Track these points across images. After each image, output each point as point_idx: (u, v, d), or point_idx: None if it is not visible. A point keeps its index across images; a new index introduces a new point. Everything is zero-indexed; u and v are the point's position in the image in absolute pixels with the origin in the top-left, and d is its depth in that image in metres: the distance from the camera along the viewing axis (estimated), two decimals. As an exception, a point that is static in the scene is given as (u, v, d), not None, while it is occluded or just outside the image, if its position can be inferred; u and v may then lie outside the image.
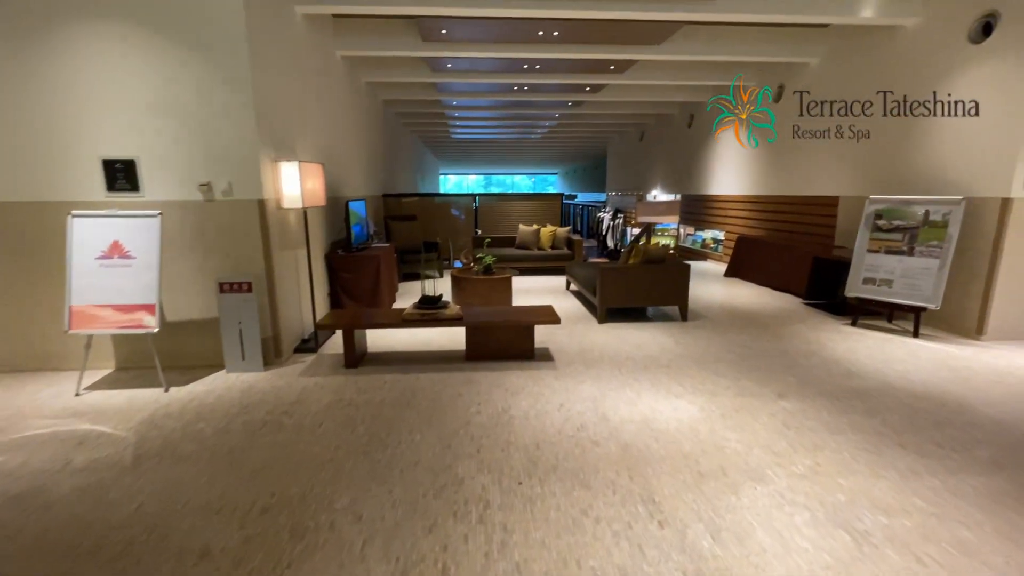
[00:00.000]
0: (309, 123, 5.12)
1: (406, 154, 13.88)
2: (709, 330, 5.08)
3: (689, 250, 11.14)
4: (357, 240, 5.80)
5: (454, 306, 4.23)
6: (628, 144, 15.90)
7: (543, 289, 7.25)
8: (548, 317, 4.15)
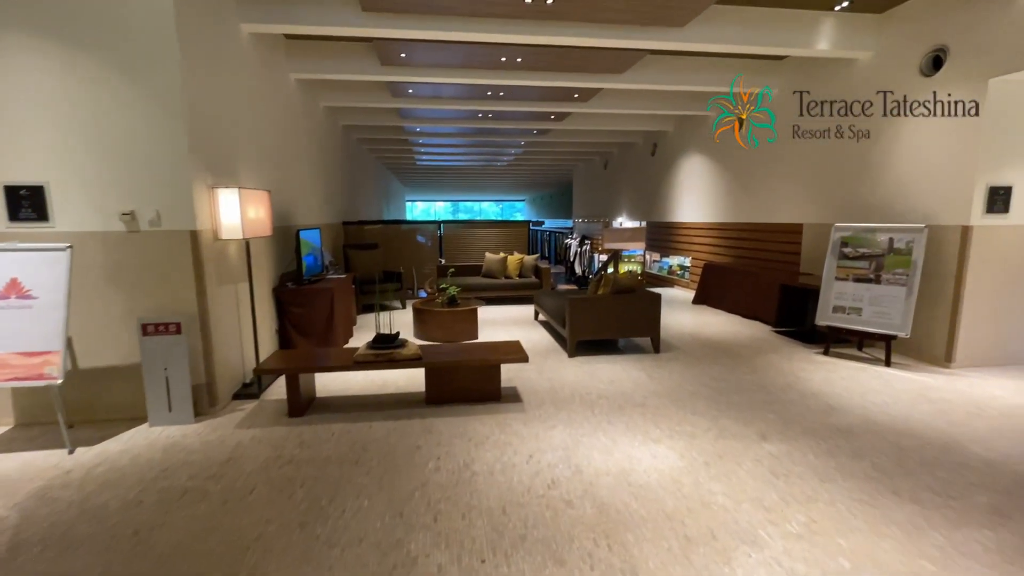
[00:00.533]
0: (256, 148, 4.76)
1: (369, 181, 13.55)
2: (682, 362, 4.89)
3: (656, 276, 11.12)
4: (309, 272, 5.40)
5: (412, 344, 3.88)
6: (593, 172, 16.06)
7: (511, 320, 6.96)
8: (515, 355, 3.85)
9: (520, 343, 4.16)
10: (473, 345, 4.17)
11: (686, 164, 9.59)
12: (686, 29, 4.99)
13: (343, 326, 5.56)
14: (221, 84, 4.03)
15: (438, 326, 5.74)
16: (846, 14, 5.21)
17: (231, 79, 4.25)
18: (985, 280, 4.54)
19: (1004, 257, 4.56)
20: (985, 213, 4.45)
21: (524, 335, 6.02)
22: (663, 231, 10.74)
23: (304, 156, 6.59)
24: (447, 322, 5.72)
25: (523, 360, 3.80)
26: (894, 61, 5.10)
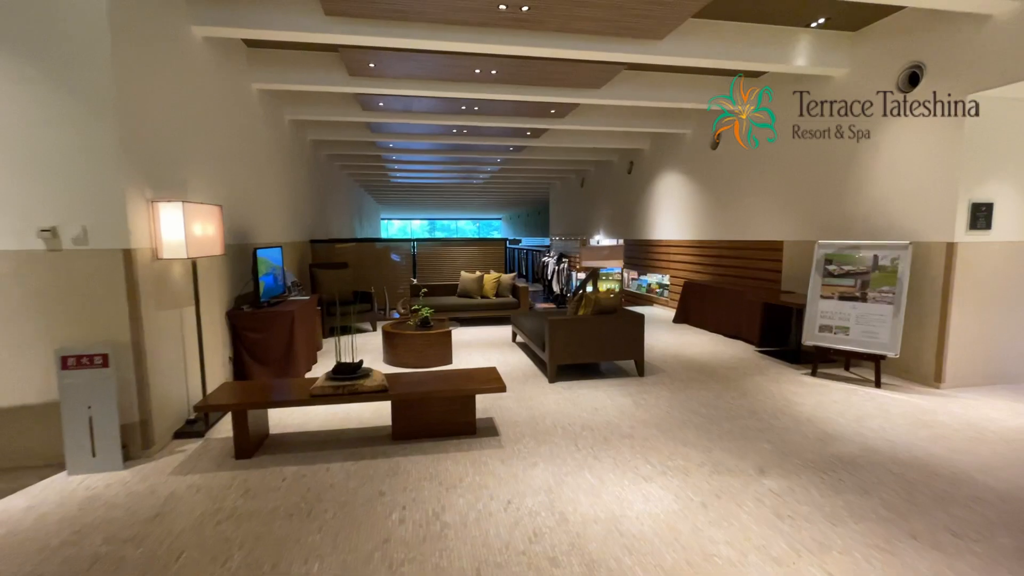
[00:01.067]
0: (209, 160, 4.38)
1: (341, 198, 13.15)
2: (668, 387, 4.63)
3: (635, 295, 10.98)
4: (268, 293, 4.98)
5: (378, 373, 3.52)
6: (570, 190, 16.02)
7: (487, 342, 6.63)
8: (492, 384, 3.53)
9: (496, 370, 3.84)
10: (445, 373, 3.83)
11: (663, 182, 9.53)
12: (664, 43, 4.87)
13: (305, 352, 5.14)
14: (166, 90, 3.67)
15: (409, 350, 5.37)
16: (821, 32, 5.20)
17: (179, 85, 3.89)
18: (971, 298, 4.46)
19: (988, 275, 4.49)
20: (968, 230, 4.39)
21: (501, 359, 5.70)
22: (641, 249, 10.63)
23: (267, 171, 6.21)
24: (419, 346, 5.36)
25: (500, 390, 3.47)
26: (869, 78, 5.08)
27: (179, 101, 3.87)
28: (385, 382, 3.38)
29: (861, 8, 4.66)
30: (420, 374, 3.78)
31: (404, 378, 3.66)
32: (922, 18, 4.55)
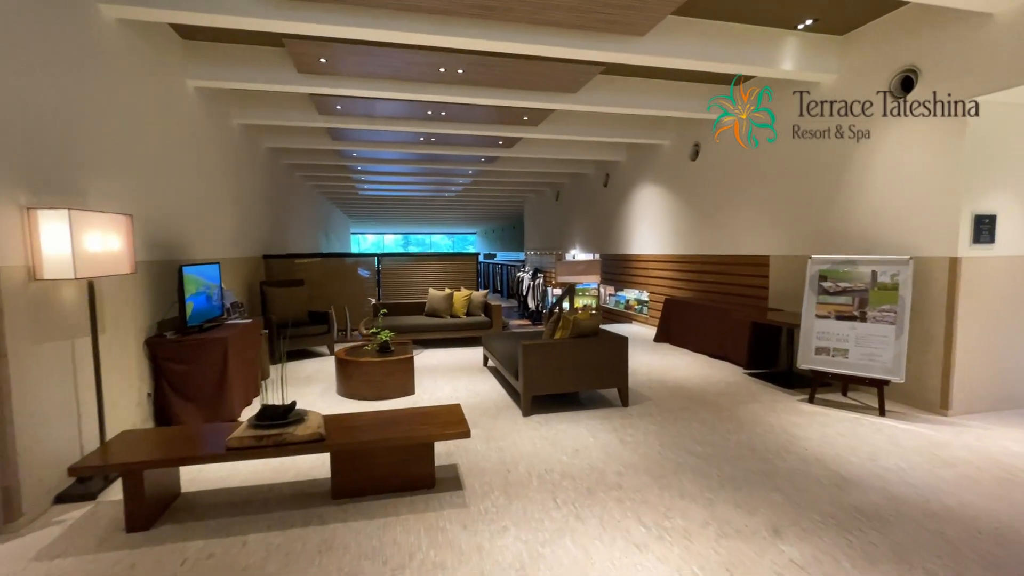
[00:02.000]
0: (122, 163, 3.74)
1: (305, 211, 12.44)
2: (657, 418, 4.14)
3: (612, 311, 10.57)
4: (199, 316, 4.31)
5: (314, 418, 2.91)
6: (545, 204, 15.66)
7: (457, 366, 6.04)
8: (454, 428, 2.95)
9: (460, 408, 3.26)
10: (399, 415, 3.24)
11: (641, 194, 9.20)
12: (645, 39, 4.48)
13: (243, 385, 4.46)
14: (56, 76, 3.04)
15: (365, 381, 4.75)
16: (808, 35, 4.91)
17: (79, 73, 3.26)
18: (977, 317, 4.13)
19: (992, 292, 4.17)
20: (972, 243, 4.07)
21: (470, 387, 5.12)
22: (618, 264, 10.25)
23: (207, 179, 5.54)
24: (376, 375, 4.74)
25: (463, 435, 2.90)
26: (859, 84, 4.80)
27: (80, 93, 3.23)
28: (322, 429, 2.77)
29: (853, 7, 4.37)
30: (369, 416, 3.17)
31: (349, 421, 3.05)
32: (917, 19, 4.28)
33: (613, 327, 8.95)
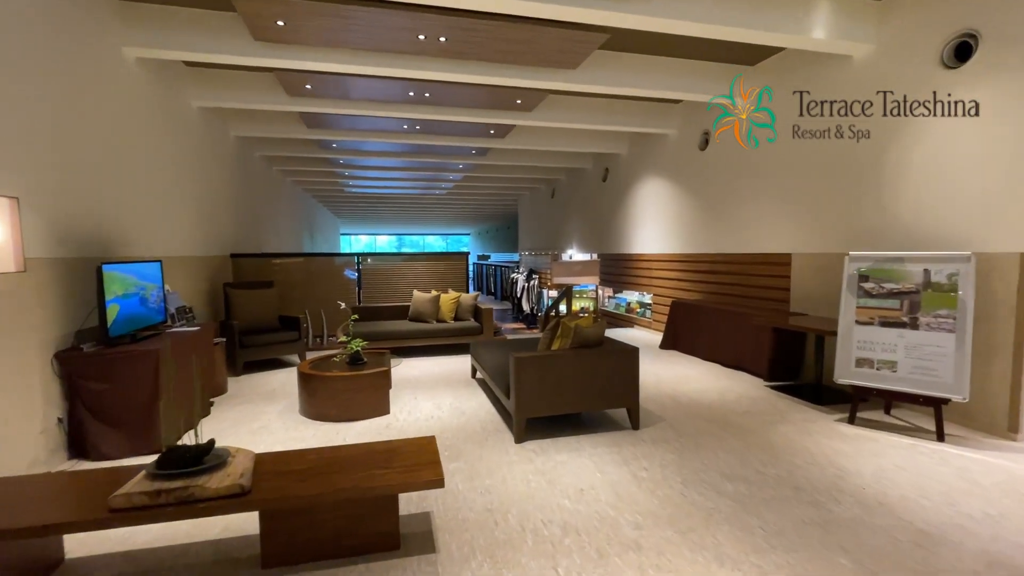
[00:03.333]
0: (10, 135, 3.04)
1: (285, 208, 11.71)
2: (674, 445, 3.48)
3: (612, 315, 9.92)
4: (129, 323, 3.60)
5: (239, 461, 2.22)
6: (540, 201, 15.01)
7: (441, 378, 5.36)
8: (424, 470, 2.27)
9: (435, 444, 2.58)
10: (357, 452, 2.55)
11: (644, 189, 8.56)
12: (652, 1, 3.83)
13: (184, 406, 3.75)
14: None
15: (330, 398, 4.05)
16: (840, 2, 4.28)
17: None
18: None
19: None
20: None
21: (456, 404, 4.44)
22: (619, 264, 9.60)
23: (155, 166, 4.84)
24: (343, 392, 4.05)
25: (434, 484, 2.22)
26: (902, 53, 4.17)
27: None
28: (246, 478, 2.08)
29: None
30: (315, 456, 2.48)
31: (289, 462, 2.36)
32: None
33: (614, 332, 8.30)
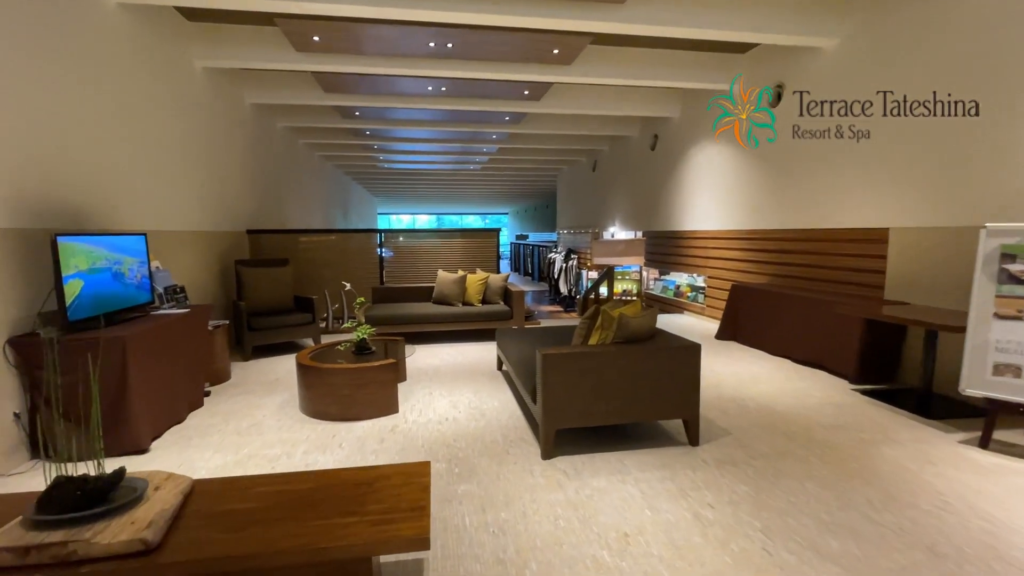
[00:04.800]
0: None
1: (313, 185, 11.34)
2: (747, 472, 2.70)
3: (659, 299, 9.02)
4: (96, 305, 3.12)
5: (164, 491, 1.64)
6: (579, 175, 14.05)
7: (463, 369, 4.74)
8: (402, 526, 1.62)
9: (427, 474, 1.92)
10: (326, 482, 1.94)
11: (699, 156, 7.54)
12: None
13: (164, 401, 3.28)
14: None
15: (329, 393, 3.50)
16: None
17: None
18: None
19: None
20: None
21: (476, 403, 3.81)
22: (667, 243, 8.65)
23: (147, 129, 4.36)
24: (344, 387, 3.48)
25: (415, 544, 1.56)
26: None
27: None
28: (152, 530, 1.48)
29: None
30: (270, 487, 1.88)
31: (234, 498, 1.77)
32: None
33: (661, 320, 7.44)
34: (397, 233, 7.47)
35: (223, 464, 2.85)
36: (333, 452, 2.99)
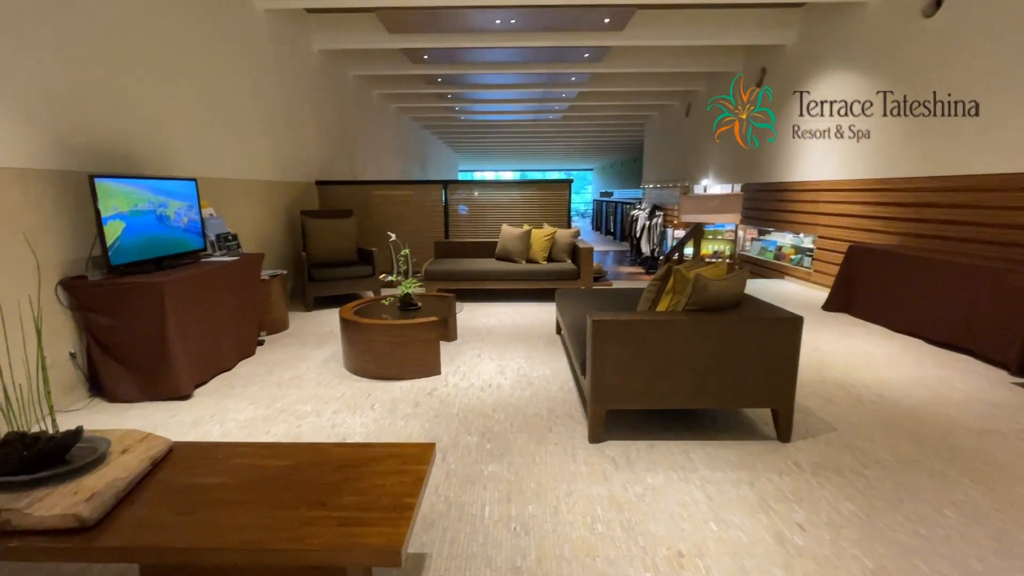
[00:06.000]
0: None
1: (389, 138, 11.29)
2: (855, 484, 2.07)
3: (756, 262, 7.96)
4: (140, 250, 3.10)
5: (131, 454, 1.44)
6: (670, 122, 12.70)
7: (520, 331, 4.36)
8: (373, 532, 1.28)
9: (427, 462, 1.56)
10: (302, 463, 1.66)
11: (817, 91, 6.26)
12: None
13: (209, 348, 3.25)
14: None
15: (368, 351, 3.29)
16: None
17: None
18: None
19: None
20: None
21: (526, 369, 3.43)
22: (770, 197, 7.49)
23: (202, 74, 4.28)
24: (382, 344, 3.25)
25: (383, 558, 1.22)
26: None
27: None
28: (93, 504, 1.27)
29: None
30: (245, 459, 1.63)
31: (204, 470, 1.54)
32: None
33: (756, 286, 6.52)
34: (462, 184, 7.09)
35: (253, 417, 2.74)
36: (363, 413, 2.78)
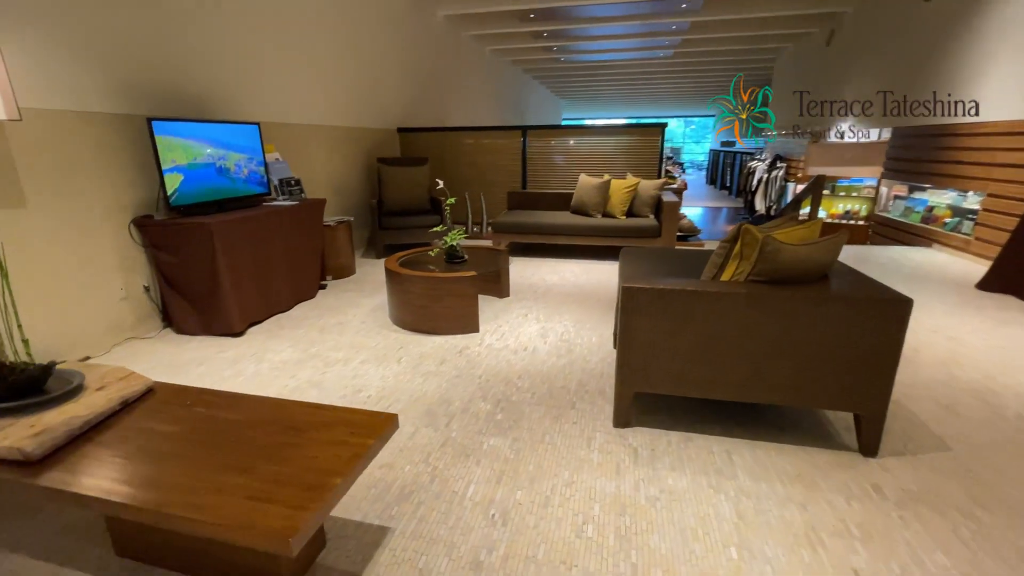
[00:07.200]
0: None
1: (481, 83, 10.96)
2: (960, 530, 1.52)
3: (895, 225, 6.57)
4: (201, 192, 3.25)
5: (105, 392, 1.45)
6: (806, 55, 10.72)
7: (577, 292, 4.01)
8: (272, 514, 1.13)
9: (375, 435, 1.38)
10: (255, 420, 1.56)
11: (1013, 4, 4.71)
12: None
13: (257, 289, 3.38)
14: None
15: (408, 303, 3.20)
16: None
17: None
18: None
19: None
20: None
21: (570, 335, 3.12)
22: (924, 144, 6.02)
23: (290, 17, 4.30)
24: (419, 297, 3.13)
25: (277, 544, 1.07)
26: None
27: None
28: (41, 440, 1.28)
29: None
30: (208, 407, 1.57)
31: (167, 417, 1.52)
32: None
33: (889, 253, 5.37)
34: (539, 129, 6.59)
35: (286, 360, 2.81)
36: (387, 366, 2.71)
